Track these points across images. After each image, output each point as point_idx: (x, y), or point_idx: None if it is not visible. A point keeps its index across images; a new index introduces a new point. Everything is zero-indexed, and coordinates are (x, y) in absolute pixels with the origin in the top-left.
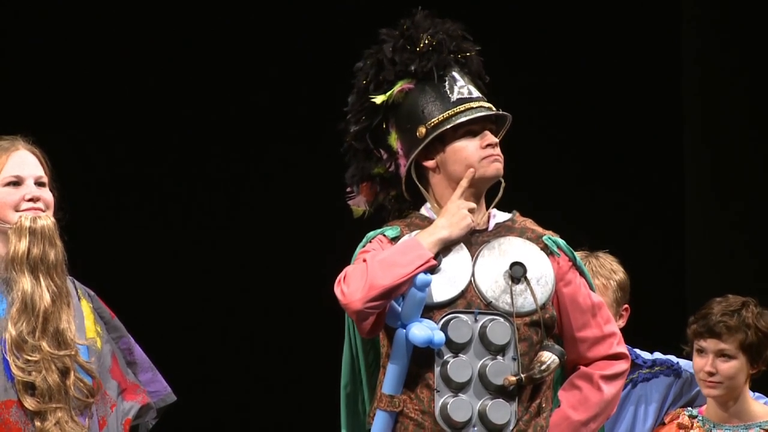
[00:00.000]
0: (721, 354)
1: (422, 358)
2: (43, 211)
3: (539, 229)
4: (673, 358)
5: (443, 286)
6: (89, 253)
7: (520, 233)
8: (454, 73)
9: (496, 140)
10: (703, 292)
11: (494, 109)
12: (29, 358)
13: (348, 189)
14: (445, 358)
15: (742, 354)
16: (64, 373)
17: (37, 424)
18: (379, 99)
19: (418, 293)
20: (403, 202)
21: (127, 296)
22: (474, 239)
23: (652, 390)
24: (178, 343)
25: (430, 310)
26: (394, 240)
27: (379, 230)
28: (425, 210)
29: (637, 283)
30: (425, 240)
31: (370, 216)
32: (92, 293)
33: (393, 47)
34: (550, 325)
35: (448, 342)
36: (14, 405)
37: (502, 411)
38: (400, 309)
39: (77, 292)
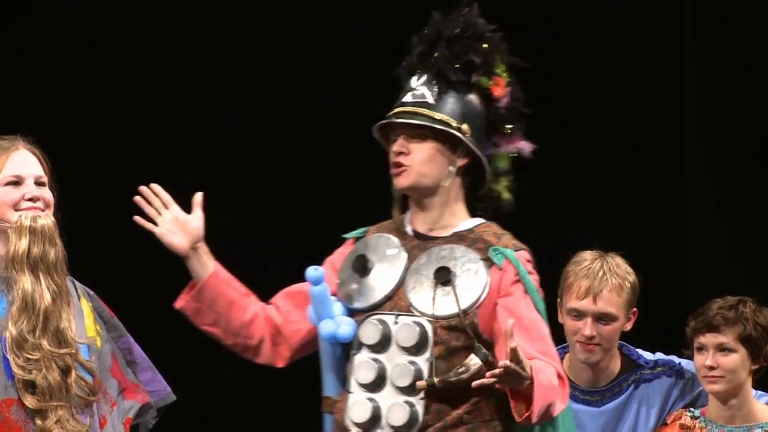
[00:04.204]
0: (721, 348)
1: (346, 358)
2: (43, 211)
3: (494, 240)
4: (674, 358)
5: (370, 290)
6: (89, 253)
7: (471, 242)
8: (421, 74)
9: (399, 148)
10: (705, 295)
11: (421, 116)
12: (29, 356)
13: None
14: (357, 357)
15: (741, 347)
16: (65, 371)
17: (38, 422)
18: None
19: (315, 288)
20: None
21: (127, 296)
22: (424, 245)
23: (654, 391)
24: (178, 343)
25: (358, 314)
26: (356, 239)
27: (351, 232)
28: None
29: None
30: None
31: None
32: (92, 293)
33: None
34: (470, 331)
35: (360, 342)
36: (14, 404)
37: (400, 413)
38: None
39: (77, 292)
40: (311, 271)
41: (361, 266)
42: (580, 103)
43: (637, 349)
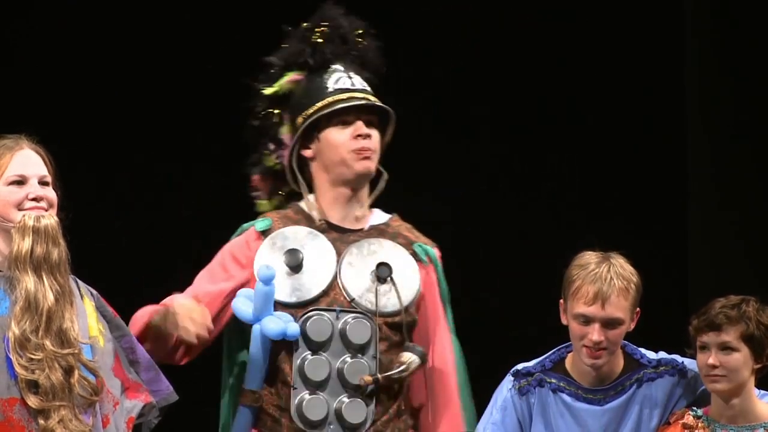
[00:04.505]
0: (724, 347)
1: (281, 354)
2: (47, 210)
3: (412, 236)
4: (677, 357)
5: (305, 285)
6: (91, 252)
7: (392, 237)
8: (339, 65)
9: (367, 131)
10: (706, 294)
11: (371, 101)
12: (32, 356)
13: (251, 184)
14: (303, 354)
15: (744, 345)
16: (68, 371)
17: (41, 422)
18: (268, 91)
19: (264, 287)
20: (297, 195)
21: (128, 296)
22: (345, 238)
23: (657, 390)
24: None
25: (292, 308)
26: (264, 233)
27: (251, 222)
28: (304, 201)
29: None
30: (152, 318)
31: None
32: (95, 292)
33: (291, 40)
34: (411, 327)
35: (307, 339)
36: (17, 403)
37: (358, 410)
38: (247, 307)
39: (80, 291)
40: (264, 270)
41: (295, 261)
42: (581, 103)
43: (640, 348)
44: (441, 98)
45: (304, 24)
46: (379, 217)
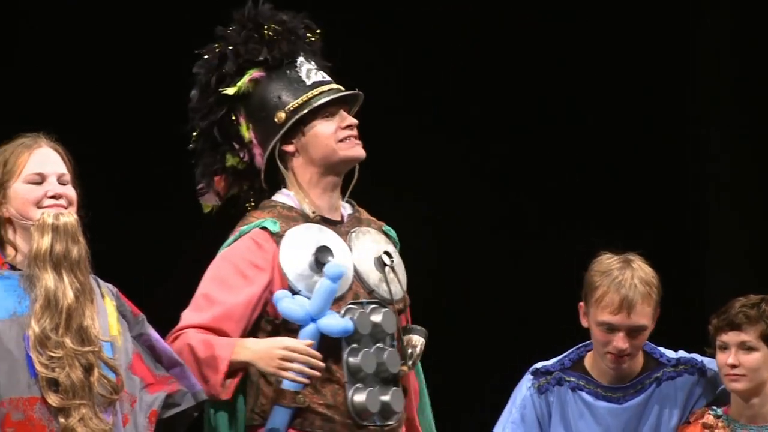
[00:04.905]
0: (743, 346)
1: (326, 352)
2: (66, 208)
3: (376, 219)
4: (697, 356)
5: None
6: (110, 250)
7: (368, 224)
8: (302, 59)
9: (355, 120)
10: (722, 294)
11: (350, 90)
12: (53, 354)
13: (199, 186)
14: (348, 349)
15: (764, 345)
16: (88, 369)
17: (61, 420)
18: (230, 91)
19: (332, 285)
20: (260, 193)
21: (129, 296)
22: (338, 230)
23: (676, 389)
24: None
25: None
26: (276, 236)
27: (253, 224)
28: (283, 197)
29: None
30: (236, 354)
31: (220, 210)
32: (115, 290)
33: (236, 40)
34: (408, 310)
35: (355, 333)
36: (38, 402)
37: (400, 399)
38: (296, 306)
39: (100, 290)
40: (335, 268)
41: (324, 259)
42: (581, 103)
43: (659, 347)
44: (441, 98)
45: (242, 23)
46: (346, 204)
